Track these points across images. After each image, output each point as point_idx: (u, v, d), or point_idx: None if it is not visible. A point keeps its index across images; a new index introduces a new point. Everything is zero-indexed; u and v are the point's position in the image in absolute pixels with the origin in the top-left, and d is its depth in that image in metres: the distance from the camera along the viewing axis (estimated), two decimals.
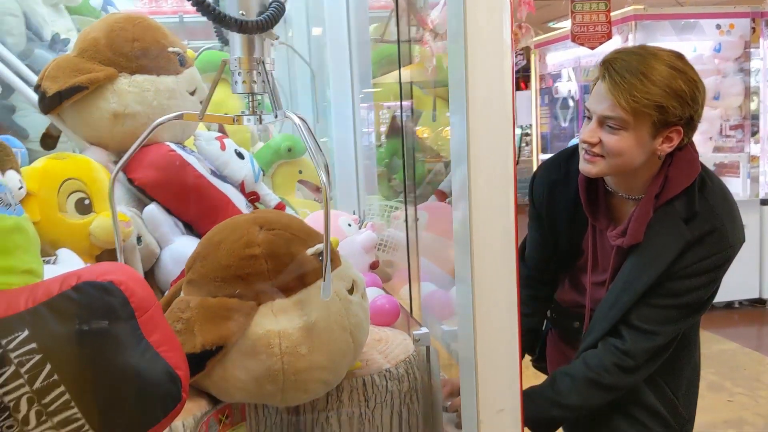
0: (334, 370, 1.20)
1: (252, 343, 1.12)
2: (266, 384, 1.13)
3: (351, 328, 1.20)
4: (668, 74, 1.34)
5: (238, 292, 1.14)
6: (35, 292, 0.84)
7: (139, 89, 1.62)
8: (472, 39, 0.93)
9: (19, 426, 0.80)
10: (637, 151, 1.39)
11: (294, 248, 1.18)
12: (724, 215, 1.41)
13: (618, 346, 1.45)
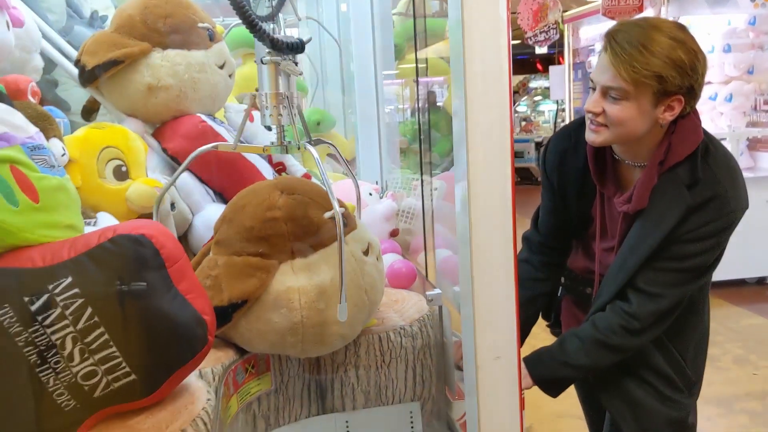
0: (350, 324, 1.28)
1: (274, 298, 1.21)
2: (287, 336, 1.23)
3: (366, 287, 1.29)
4: (668, 45, 1.38)
5: (261, 251, 1.23)
6: (76, 244, 0.94)
7: (171, 63, 1.71)
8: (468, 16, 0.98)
9: (65, 362, 0.90)
10: (639, 120, 1.43)
11: (312, 212, 1.26)
12: (727, 182, 1.45)
13: (625, 308, 1.51)
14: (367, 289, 1.29)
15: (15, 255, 0.91)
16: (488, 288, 1.00)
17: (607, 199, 1.63)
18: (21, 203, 0.92)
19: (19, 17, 1.50)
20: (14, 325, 0.88)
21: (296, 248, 1.24)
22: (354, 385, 1.40)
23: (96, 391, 0.92)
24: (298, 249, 1.24)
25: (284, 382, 1.37)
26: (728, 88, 5.30)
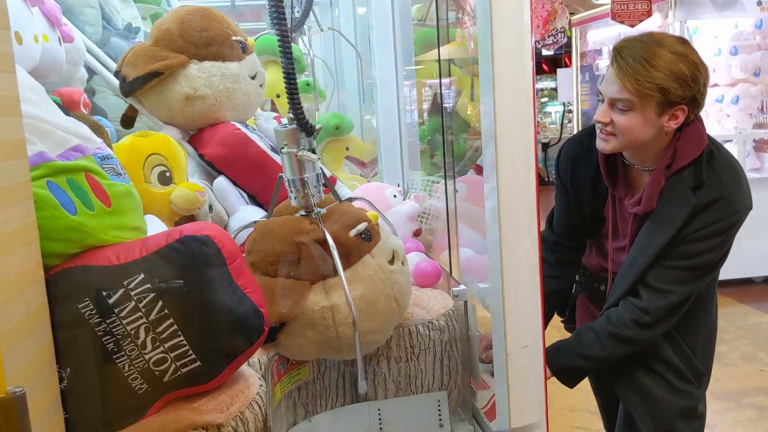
0: (383, 331, 1.37)
1: (309, 318, 1.27)
2: (324, 348, 1.31)
3: (395, 295, 1.36)
4: (670, 59, 1.48)
5: (293, 273, 1.29)
6: (147, 244, 1.04)
7: (207, 74, 1.81)
8: (496, 19, 1.08)
9: (138, 349, 1.01)
10: (644, 128, 1.53)
11: (339, 234, 1.31)
12: (730, 184, 1.55)
13: (636, 303, 1.61)
14: (396, 297, 1.36)
15: (93, 254, 1.02)
16: (516, 282, 1.10)
17: (618, 200, 1.73)
18: (96, 208, 1.03)
19: (70, 33, 1.60)
20: (94, 317, 0.99)
21: (326, 269, 1.30)
22: (386, 375, 1.50)
23: (165, 376, 1.02)
24: (327, 269, 1.30)
25: (321, 373, 1.47)
26: (735, 91, 5.39)
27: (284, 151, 1.26)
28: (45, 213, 0.95)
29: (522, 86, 1.12)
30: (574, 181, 1.78)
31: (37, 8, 1.39)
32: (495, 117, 1.10)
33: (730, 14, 5.29)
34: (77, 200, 1.00)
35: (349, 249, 1.31)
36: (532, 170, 1.13)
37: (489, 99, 1.10)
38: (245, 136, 1.83)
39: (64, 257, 1.01)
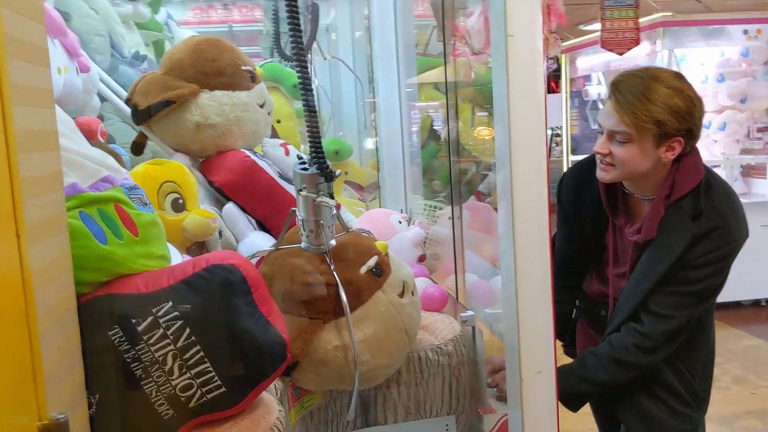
0: (394, 364, 1.40)
1: (322, 357, 1.29)
2: (337, 383, 1.35)
3: (405, 327, 1.37)
4: (666, 93, 1.55)
5: (305, 312, 1.30)
6: (174, 272, 1.07)
7: (218, 103, 1.85)
8: (511, 50, 1.13)
9: (166, 376, 1.03)
10: (642, 160, 1.59)
11: (351, 274, 1.33)
12: (728, 213, 1.61)
13: (638, 329, 1.65)
14: (407, 329, 1.38)
15: (122, 282, 1.05)
16: (530, 308, 1.14)
17: (618, 229, 1.78)
18: (125, 237, 1.06)
19: (87, 64, 1.64)
20: (123, 344, 1.01)
21: (338, 309, 1.30)
22: (396, 400, 1.53)
23: (191, 401, 1.05)
24: (339, 309, 1.30)
25: (333, 398, 1.50)
26: (722, 117, 5.49)
27: (303, 194, 1.27)
28: (78, 243, 0.98)
29: (535, 111, 1.16)
30: (576, 209, 1.82)
31: (57, 40, 1.43)
32: (510, 143, 1.14)
33: (717, 43, 5.42)
34: (107, 230, 1.03)
35: (360, 288, 1.33)
36: (544, 195, 1.17)
37: (504, 126, 1.14)
38: (255, 163, 1.87)
39: (94, 286, 1.04)
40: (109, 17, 2.31)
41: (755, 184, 5.66)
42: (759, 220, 5.28)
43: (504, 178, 1.18)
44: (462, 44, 3.46)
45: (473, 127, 3.49)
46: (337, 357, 1.29)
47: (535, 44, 1.13)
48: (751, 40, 5.35)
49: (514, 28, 1.12)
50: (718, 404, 3.73)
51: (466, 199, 2.51)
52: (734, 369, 4.25)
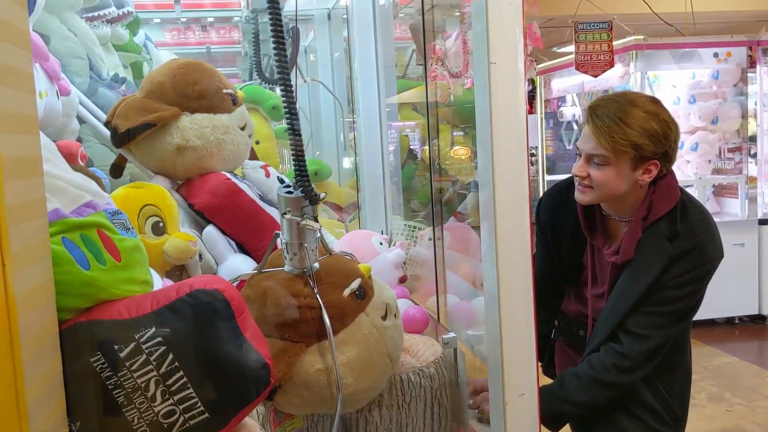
0: (377, 388, 1.40)
1: (304, 380, 1.28)
2: (319, 407, 1.34)
3: (388, 351, 1.37)
4: (642, 117, 1.59)
5: (288, 336, 1.30)
6: (157, 297, 1.06)
7: (198, 126, 1.85)
8: (494, 76, 1.15)
9: (148, 402, 1.02)
10: (619, 182, 1.62)
11: (334, 297, 1.33)
12: (703, 234, 1.64)
13: (617, 349, 1.67)
14: (390, 352, 1.38)
15: (104, 308, 1.04)
16: (513, 331, 1.15)
17: (596, 250, 1.81)
18: (107, 262, 1.05)
19: (67, 87, 1.64)
20: (105, 370, 1.00)
21: (320, 332, 1.30)
22: (377, 423, 1.52)
23: (174, 428, 1.03)
24: (322, 332, 1.30)
25: (314, 422, 1.49)
26: (694, 138, 5.60)
27: (287, 217, 1.27)
28: (61, 269, 0.97)
29: (517, 134, 1.18)
30: (554, 230, 1.85)
31: (38, 64, 1.43)
32: (493, 165, 1.16)
33: (688, 65, 5.53)
34: (90, 255, 1.02)
35: (344, 311, 1.32)
36: (526, 216, 1.19)
37: (486, 148, 1.16)
38: (235, 185, 1.87)
39: (76, 311, 1.03)
40: (88, 39, 2.31)
41: (727, 204, 5.77)
42: (731, 239, 5.38)
43: (487, 199, 1.19)
44: (439, 66, 3.51)
45: (450, 147, 3.53)
46: (319, 380, 1.29)
47: (518, 69, 1.15)
48: (721, 62, 5.47)
49: (497, 55, 1.14)
50: (694, 422, 3.76)
51: (446, 220, 2.53)
52: (709, 387, 4.30)
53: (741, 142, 5.59)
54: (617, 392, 1.71)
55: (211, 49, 4.53)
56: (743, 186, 5.49)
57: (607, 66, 5.28)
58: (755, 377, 4.47)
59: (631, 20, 6.18)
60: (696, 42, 5.47)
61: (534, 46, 3.77)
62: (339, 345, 1.32)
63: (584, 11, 5.86)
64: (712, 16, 7.36)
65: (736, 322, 5.60)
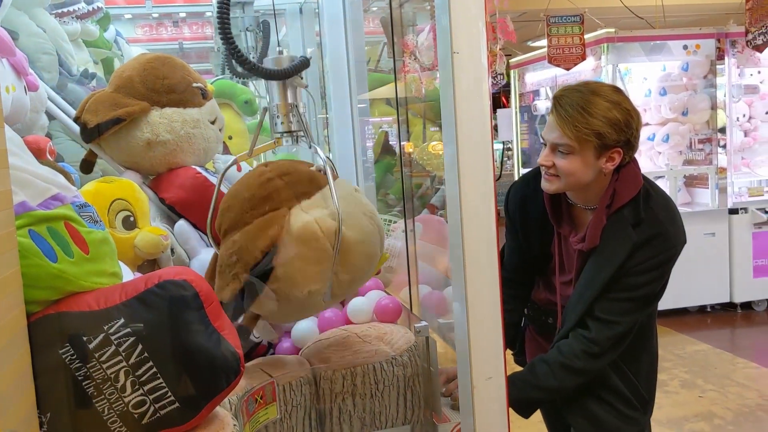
0: (370, 244, 1.41)
1: (298, 234, 1.31)
2: (324, 263, 1.33)
3: (370, 215, 1.42)
4: (605, 107, 1.62)
5: (268, 209, 1.34)
6: (126, 289, 1.07)
7: (168, 120, 1.85)
8: (457, 66, 1.17)
9: (118, 393, 1.03)
10: (584, 170, 1.65)
11: (299, 166, 1.41)
12: (666, 221, 1.68)
13: (585, 335, 1.70)
14: (371, 217, 1.42)
15: (73, 300, 1.04)
16: (480, 317, 1.17)
17: (563, 238, 1.83)
18: (75, 255, 1.05)
19: (35, 82, 1.63)
20: (74, 362, 1.01)
21: (298, 193, 1.36)
22: (351, 412, 1.54)
23: (144, 418, 1.04)
24: (299, 193, 1.36)
25: (288, 411, 1.50)
26: (665, 129, 5.67)
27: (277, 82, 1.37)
28: (28, 261, 0.98)
29: (481, 126, 1.20)
30: (522, 220, 1.87)
31: (5, 59, 1.42)
32: (458, 157, 1.17)
33: (659, 58, 5.60)
34: (58, 248, 1.03)
35: (316, 176, 1.40)
36: (491, 207, 1.21)
37: (452, 140, 1.17)
38: (206, 179, 1.87)
39: (45, 304, 1.03)
40: (57, 35, 2.30)
41: (698, 194, 5.85)
42: (702, 228, 5.47)
43: (453, 192, 1.21)
44: (412, 60, 3.52)
45: (424, 141, 3.55)
46: (313, 231, 1.31)
47: (480, 61, 1.17)
48: (691, 55, 5.54)
49: (460, 45, 1.15)
50: (667, 408, 3.83)
51: (420, 213, 2.55)
52: (682, 374, 4.37)
53: (711, 133, 5.67)
54: (586, 378, 1.75)
55: (184, 45, 4.50)
56: (713, 176, 5.57)
57: (578, 59, 5.34)
58: (727, 364, 4.55)
59: (602, 14, 6.25)
60: (666, 35, 5.53)
61: (506, 40, 3.80)
62: (318, 201, 1.35)
63: (556, 5, 5.91)
64: (681, 8, 7.46)
65: (708, 310, 5.69)
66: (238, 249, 1.32)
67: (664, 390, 4.07)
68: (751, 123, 5.83)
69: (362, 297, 1.82)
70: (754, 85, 5.74)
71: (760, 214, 5.52)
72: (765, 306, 5.74)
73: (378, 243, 1.44)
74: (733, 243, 5.60)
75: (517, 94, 7.45)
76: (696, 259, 5.33)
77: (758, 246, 5.60)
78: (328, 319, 1.77)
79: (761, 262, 5.61)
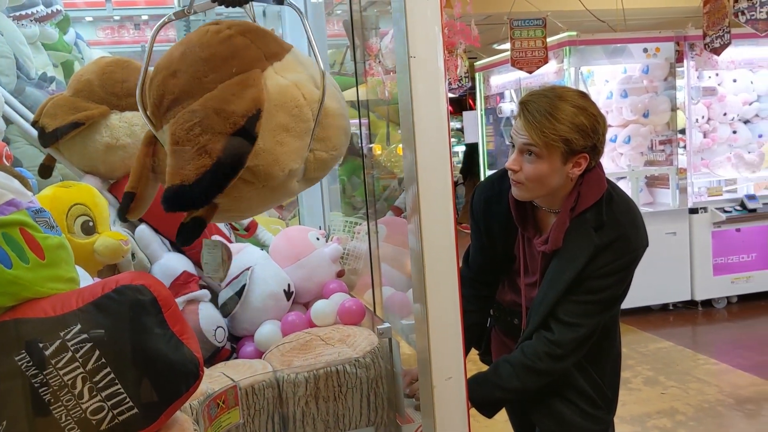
0: (346, 118, 1.28)
1: (278, 98, 1.13)
2: (305, 136, 1.17)
3: (337, 88, 1.29)
4: (571, 112, 1.63)
5: (235, 70, 1.12)
6: (83, 294, 1.06)
7: (128, 124, 1.84)
8: (414, 70, 1.18)
9: (75, 399, 1.02)
10: (552, 176, 1.67)
11: (258, 28, 1.21)
12: (628, 225, 1.71)
13: (548, 337, 1.72)
14: (339, 90, 1.29)
15: (29, 306, 1.03)
16: (439, 317, 1.18)
17: (527, 239, 1.86)
18: (31, 261, 1.04)
19: None
20: (31, 369, 1.00)
21: (267, 54, 1.17)
22: (314, 415, 1.55)
23: (103, 424, 1.04)
24: (269, 53, 1.18)
25: (251, 415, 1.50)
26: (627, 131, 5.76)
27: None
28: None
29: (439, 129, 1.21)
30: (486, 221, 1.89)
31: None
32: (416, 160, 1.19)
33: (620, 60, 5.69)
34: (13, 254, 1.02)
35: (279, 40, 1.24)
36: (450, 210, 1.22)
37: (410, 144, 1.19)
38: None
39: (0, 311, 1.02)
40: (15, 38, 2.26)
41: (659, 194, 5.96)
42: (664, 228, 5.57)
43: (412, 195, 1.22)
44: (376, 63, 3.54)
45: (388, 144, 3.56)
46: (294, 96, 1.14)
47: (437, 64, 1.19)
48: (651, 57, 5.64)
49: (416, 49, 1.17)
50: (630, 405, 3.90)
51: (385, 214, 2.56)
52: (645, 371, 4.45)
53: (671, 135, 5.77)
54: (549, 379, 1.77)
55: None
56: (674, 177, 5.67)
57: (541, 62, 5.40)
58: (688, 360, 4.64)
59: (565, 17, 6.33)
60: (627, 38, 5.61)
61: (468, 44, 3.84)
62: (290, 63, 1.21)
63: (519, 8, 5.97)
64: (642, 12, 7.59)
65: (670, 309, 5.79)
66: (201, 119, 1.07)
67: (627, 387, 4.13)
68: (709, 124, 5.95)
69: (326, 300, 1.82)
70: (712, 87, 5.86)
71: (719, 213, 5.64)
72: (725, 303, 5.86)
73: (348, 118, 1.29)
74: (694, 242, 5.71)
75: (483, 96, 7.51)
76: (658, 258, 5.43)
77: (717, 245, 5.72)
78: (292, 322, 1.78)
79: (720, 261, 5.74)
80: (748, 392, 4.04)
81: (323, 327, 1.76)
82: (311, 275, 1.91)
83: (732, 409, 3.84)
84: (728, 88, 5.96)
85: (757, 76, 6.01)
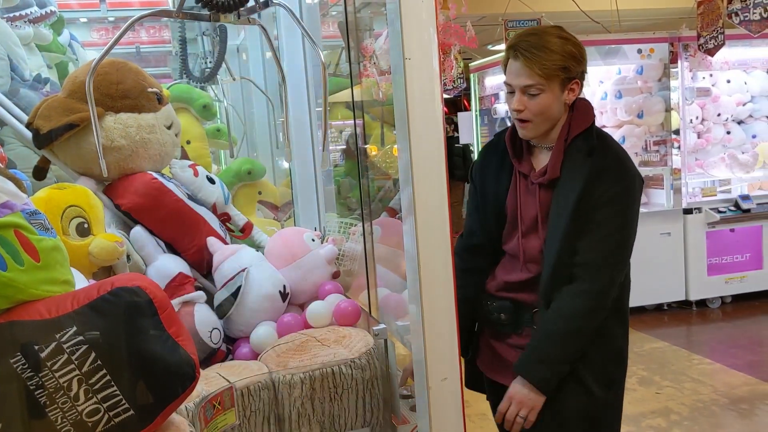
0: None
1: None
2: None
3: None
4: (560, 42, 1.74)
5: None
6: (78, 296, 1.06)
7: (123, 125, 1.84)
8: (409, 72, 1.18)
9: (71, 401, 1.02)
10: (555, 105, 1.76)
11: None
12: (619, 151, 1.79)
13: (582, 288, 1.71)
14: None
15: (24, 309, 1.03)
16: (435, 319, 1.18)
17: (521, 178, 1.86)
18: (26, 263, 1.04)
19: None
20: (26, 371, 1.00)
21: None
22: (310, 415, 1.55)
23: (98, 426, 1.04)
24: None
25: (247, 417, 1.50)
26: (621, 131, 5.78)
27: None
28: None
29: (434, 131, 1.22)
30: (481, 171, 1.93)
31: None
32: (411, 162, 1.19)
33: (614, 61, 5.70)
34: (7, 256, 1.02)
35: None
36: (445, 211, 1.23)
37: (405, 145, 1.19)
38: (162, 185, 1.86)
39: None
40: (9, 40, 2.26)
41: (654, 195, 5.97)
42: (658, 228, 5.59)
43: (407, 197, 1.23)
44: (370, 65, 3.54)
45: (383, 145, 3.56)
46: None
47: (432, 65, 1.19)
48: (645, 58, 5.65)
49: (412, 51, 1.17)
50: (625, 405, 3.89)
51: (379, 216, 2.56)
52: (640, 371, 4.46)
53: (666, 135, 5.78)
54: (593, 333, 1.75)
55: (141, 49, 4.45)
56: (668, 177, 5.68)
57: None
58: (683, 360, 4.65)
59: (559, 18, 6.33)
60: (621, 39, 5.62)
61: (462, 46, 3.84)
62: None
63: (514, 9, 5.98)
64: (636, 13, 7.61)
65: (665, 309, 5.80)
66: None
67: None
68: (703, 125, 5.97)
69: (321, 301, 1.82)
70: (706, 87, 5.87)
71: (713, 213, 5.66)
72: (719, 303, 5.87)
73: None
74: (688, 242, 5.72)
75: (477, 97, 7.52)
76: (653, 258, 5.44)
77: (712, 245, 5.73)
78: (287, 323, 1.78)
79: (715, 261, 5.75)
80: (742, 392, 4.06)
81: (319, 328, 1.76)
82: (307, 276, 1.91)
83: (726, 408, 3.86)
84: (722, 88, 5.97)
85: (751, 77, 6.02)
